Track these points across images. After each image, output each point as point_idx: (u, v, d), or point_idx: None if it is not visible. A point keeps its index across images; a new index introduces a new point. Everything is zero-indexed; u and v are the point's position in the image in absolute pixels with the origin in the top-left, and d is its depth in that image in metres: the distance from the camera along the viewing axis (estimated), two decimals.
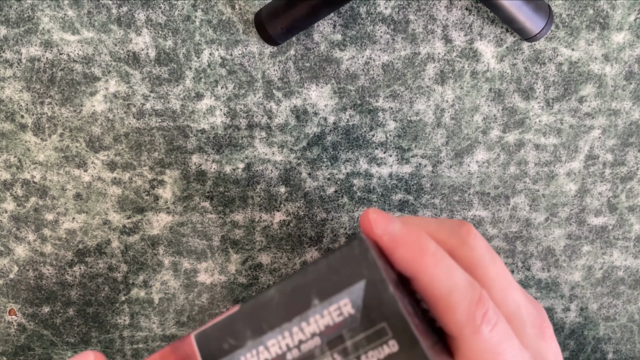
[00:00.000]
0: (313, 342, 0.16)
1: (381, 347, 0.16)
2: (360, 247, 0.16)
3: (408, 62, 0.35)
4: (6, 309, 0.37)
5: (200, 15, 0.34)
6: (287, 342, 0.16)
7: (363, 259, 0.16)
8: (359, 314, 0.16)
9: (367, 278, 0.16)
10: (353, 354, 0.16)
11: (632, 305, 0.39)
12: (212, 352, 0.17)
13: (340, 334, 0.16)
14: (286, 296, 0.16)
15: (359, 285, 0.16)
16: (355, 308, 0.16)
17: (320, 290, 0.16)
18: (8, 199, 0.36)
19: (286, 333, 0.16)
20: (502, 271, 0.21)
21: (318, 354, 0.16)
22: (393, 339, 0.15)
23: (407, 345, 0.15)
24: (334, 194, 0.36)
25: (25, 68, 0.34)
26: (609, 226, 0.38)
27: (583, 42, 0.35)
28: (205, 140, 0.35)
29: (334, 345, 0.16)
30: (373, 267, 0.16)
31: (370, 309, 0.16)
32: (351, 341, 0.16)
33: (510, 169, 0.37)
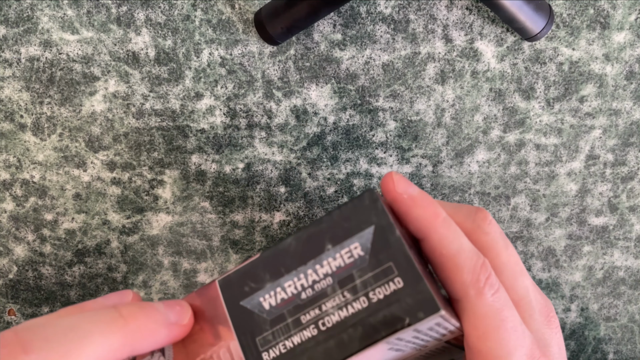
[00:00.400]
0: (325, 282, 0.18)
1: (387, 284, 0.17)
2: (370, 197, 0.18)
3: (408, 61, 0.35)
4: (5, 309, 0.37)
5: (199, 15, 0.34)
6: (302, 283, 0.18)
7: (372, 207, 0.18)
8: (368, 255, 0.18)
9: (376, 224, 0.18)
10: (362, 291, 0.17)
11: (633, 306, 0.39)
12: (234, 294, 0.19)
13: (351, 274, 0.18)
14: (302, 243, 0.19)
15: (368, 231, 0.18)
16: (364, 250, 0.18)
17: (333, 236, 0.18)
18: (7, 199, 0.36)
19: (301, 275, 0.18)
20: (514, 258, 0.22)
21: (330, 292, 0.18)
22: (398, 276, 0.17)
23: (411, 282, 0.17)
24: (334, 194, 0.36)
25: (24, 68, 0.34)
26: (609, 226, 0.38)
27: (584, 41, 0.35)
28: (204, 140, 0.35)
29: (344, 284, 0.18)
30: (382, 214, 0.18)
31: (378, 251, 0.18)
32: (360, 280, 0.18)
33: (511, 169, 0.36)
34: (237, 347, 0.18)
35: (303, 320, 0.18)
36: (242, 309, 0.18)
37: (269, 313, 0.18)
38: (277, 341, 0.18)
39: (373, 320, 0.17)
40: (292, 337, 0.18)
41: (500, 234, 0.21)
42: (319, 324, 0.18)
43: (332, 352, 0.17)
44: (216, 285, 0.19)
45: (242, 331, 0.18)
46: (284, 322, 0.18)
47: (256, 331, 0.18)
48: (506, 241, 0.21)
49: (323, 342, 0.17)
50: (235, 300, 0.19)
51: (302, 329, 0.18)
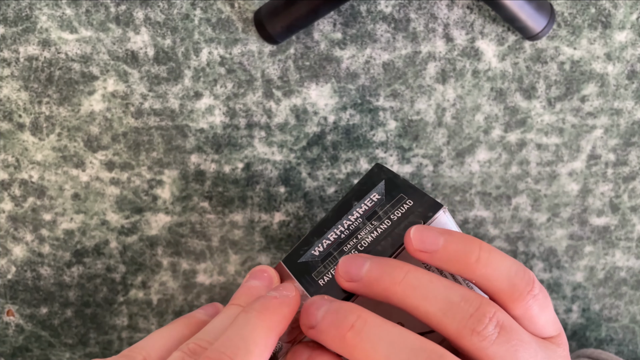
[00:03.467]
0: (357, 222, 0.23)
1: (401, 206, 0.22)
2: (378, 167, 0.24)
3: (409, 61, 0.34)
4: (4, 309, 0.37)
5: (199, 14, 0.33)
6: (341, 229, 0.23)
7: (381, 171, 0.24)
8: (384, 196, 0.23)
9: (385, 178, 0.24)
10: (384, 217, 0.23)
11: (635, 306, 0.39)
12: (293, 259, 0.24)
13: (374, 210, 0.23)
14: (335, 211, 0.24)
15: (381, 184, 0.24)
16: (380, 194, 0.23)
17: (357, 197, 0.24)
18: (6, 199, 0.35)
19: (339, 225, 0.24)
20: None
21: (361, 226, 0.23)
22: (408, 199, 0.22)
23: (418, 199, 0.22)
24: (334, 194, 0.36)
25: (23, 67, 0.34)
26: (611, 226, 0.38)
27: (585, 41, 0.34)
28: (204, 139, 0.35)
29: (370, 218, 0.23)
30: (389, 172, 0.24)
31: (390, 191, 0.23)
32: (381, 211, 0.23)
33: (512, 169, 0.36)
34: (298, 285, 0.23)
35: (345, 250, 0.23)
36: (299, 264, 0.23)
37: (319, 256, 0.23)
38: (327, 270, 0.23)
39: (398, 231, 0.22)
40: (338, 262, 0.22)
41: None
42: (358, 246, 0.23)
43: None
44: (281, 264, 0.24)
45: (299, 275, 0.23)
46: (331, 256, 0.23)
47: (311, 269, 0.23)
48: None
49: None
50: (294, 262, 0.24)
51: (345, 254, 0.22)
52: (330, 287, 0.22)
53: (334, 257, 0.23)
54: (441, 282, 0.20)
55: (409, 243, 0.20)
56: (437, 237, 0.20)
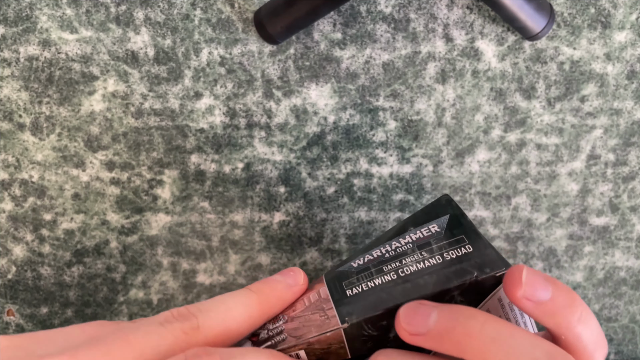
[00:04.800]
0: (406, 247, 0.22)
1: (459, 249, 0.21)
2: (445, 199, 0.23)
3: (409, 61, 0.34)
4: (4, 309, 0.37)
5: (199, 14, 0.33)
6: (387, 249, 0.22)
7: (448, 204, 0.23)
8: (443, 231, 0.21)
9: (451, 214, 0.22)
10: (437, 252, 0.21)
11: (634, 306, 0.39)
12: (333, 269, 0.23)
13: (428, 241, 0.21)
14: (390, 232, 0.23)
15: (444, 217, 0.22)
16: (440, 228, 0.22)
17: (415, 223, 0.23)
18: (6, 199, 0.35)
19: (387, 245, 0.22)
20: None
21: (410, 252, 0.21)
22: (469, 244, 0.20)
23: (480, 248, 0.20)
24: (334, 194, 0.36)
25: (23, 67, 0.34)
26: (610, 226, 0.38)
27: (585, 41, 0.34)
28: (204, 139, 0.35)
29: (422, 247, 0.21)
30: (457, 208, 0.22)
31: (452, 228, 0.21)
32: (436, 245, 0.21)
33: (512, 169, 0.36)
34: (325, 289, 0.22)
35: (385, 270, 0.21)
36: (335, 272, 0.23)
37: (356, 268, 0.22)
38: (360, 283, 0.21)
39: (446, 272, 0.20)
40: (374, 280, 0.21)
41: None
42: (399, 271, 0.21)
43: (409, 291, 0.20)
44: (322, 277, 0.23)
45: (331, 280, 0.22)
46: (368, 271, 0.22)
47: (343, 278, 0.22)
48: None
49: (401, 284, 0.20)
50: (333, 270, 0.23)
51: (383, 275, 0.21)
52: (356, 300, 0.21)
53: (370, 273, 0.22)
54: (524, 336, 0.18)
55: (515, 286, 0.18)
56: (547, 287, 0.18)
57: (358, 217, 0.37)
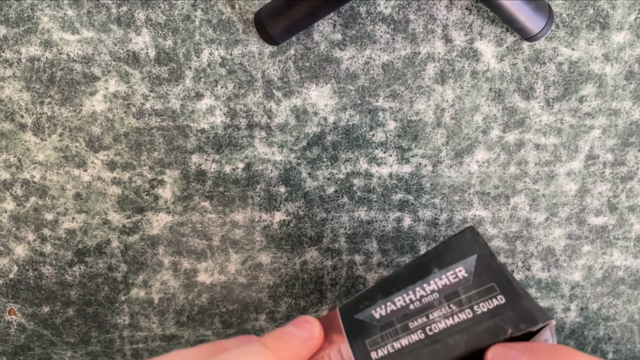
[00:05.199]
0: (432, 297, 0.20)
1: (490, 300, 0.19)
2: (471, 232, 0.21)
3: (408, 61, 0.35)
4: (6, 308, 0.37)
5: (200, 15, 0.34)
6: (411, 297, 0.20)
7: (474, 240, 0.21)
8: (472, 276, 0.20)
9: (478, 253, 0.20)
10: (467, 304, 0.19)
11: (632, 305, 0.39)
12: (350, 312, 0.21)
13: (456, 290, 0.20)
14: (411, 269, 0.21)
15: (471, 258, 0.20)
16: (468, 273, 0.20)
17: (439, 263, 0.21)
18: (8, 199, 0.36)
19: (410, 292, 0.21)
20: None
21: (437, 305, 0.20)
22: (500, 294, 0.19)
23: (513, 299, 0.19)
24: (334, 193, 0.36)
25: (25, 68, 0.34)
26: (609, 226, 0.38)
27: (583, 41, 0.35)
28: (205, 140, 0.35)
29: (450, 298, 0.20)
30: (484, 246, 0.20)
31: (481, 273, 0.20)
32: (465, 295, 0.19)
33: (511, 169, 0.36)
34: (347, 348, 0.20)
35: (411, 327, 0.20)
36: (355, 320, 0.21)
37: (379, 321, 0.20)
38: (385, 342, 0.20)
39: (478, 329, 0.19)
40: (400, 339, 0.19)
41: None
42: (426, 329, 0.19)
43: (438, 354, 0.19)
44: (336, 311, 0.22)
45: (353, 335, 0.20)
46: (393, 328, 0.20)
47: (366, 335, 0.20)
48: None
49: (430, 345, 0.19)
50: (350, 315, 0.21)
51: (409, 333, 0.20)
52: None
53: (396, 330, 0.20)
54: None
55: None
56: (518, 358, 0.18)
57: (358, 217, 0.37)
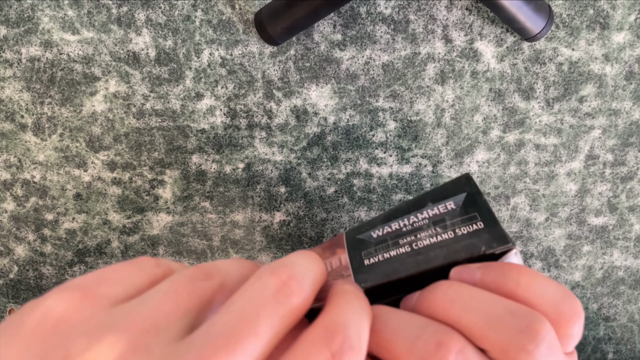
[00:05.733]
0: (423, 222, 0.23)
1: (471, 225, 0.22)
2: (466, 177, 0.24)
3: (408, 62, 0.35)
4: (6, 309, 0.37)
5: (200, 15, 0.34)
6: (405, 223, 0.23)
7: (467, 184, 0.24)
8: (459, 208, 0.23)
9: (468, 192, 0.23)
10: (450, 228, 0.22)
11: (633, 306, 0.39)
12: (353, 234, 0.24)
13: (443, 218, 0.23)
14: (410, 204, 0.24)
15: (461, 195, 0.23)
16: (456, 206, 0.23)
17: (434, 199, 0.24)
18: (8, 199, 0.36)
19: (405, 219, 0.24)
20: None
21: (425, 228, 0.23)
22: (480, 221, 0.22)
23: (490, 225, 0.21)
24: (334, 194, 0.36)
25: (25, 68, 0.34)
26: (609, 226, 0.38)
27: (583, 42, 0.35)
28: (205, 140, 0.35)
29: (437, 223, 0.23)
30: (474, 187, 0.23)
31: (467, 206, 0.23)
32: (450, 221, 0.22)
33: (511, 169, 0.36)
34: (345, 257, 0.23)
35: (400, 242, 0.23)
36: (356, 239, 0.24)
37: (375, 239, 0.24)
38: (377, 254, 0.23)
39: (456, 246, 0.21)
40: (389, 251, 0.23)
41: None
42: (413, 245, 0.22)
43: (420, 262, 0.21)
44: (343, 234, 0.25)
45: (352, 249, 0.24)
46: (385, 243, 0.23)
47: (362, 248, 0.23)
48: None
49: (414, 256, 0.22)
50: (353, 236, 0.24)
51: (398, 247, 0.23)
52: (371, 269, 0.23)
53: (387, 245, 0.23)
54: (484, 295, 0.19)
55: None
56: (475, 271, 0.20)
57: (358, 217, 0.37)
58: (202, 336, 0.15)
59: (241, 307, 0.16)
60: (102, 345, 0.14)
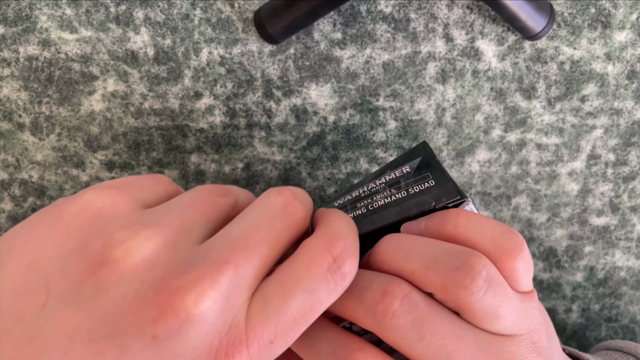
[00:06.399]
0: (379, 187, 0.24)
1: (422, 184, 0.23)
2: (423, 145, 0.25)
3: (409, 60, 0.34)
4: None
5: (199, 14, 0.33)
6: (364, 189, 0.25)
7: (424, 150, 0.25)
8: (413, 171, 0.24)
9: (423, 156, 0.24)
10: (404, 188, 0.23)
11: (635, 306, 0.39)
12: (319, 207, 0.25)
13: (398, 180, 0.24)
14: (372, 176, 0.26)
15: (417, 160, 0.24)
16: (411, 169, 0.24)
17: (392, 167, 0.25)
18: (6, 199, 0.35)
19: (364, 187, 0.25)
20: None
21: (381, 191, 0.24)
22: (432, 179, 0.22)
23: (441, 182, 0.22)
24: (334, 194, 0.36)
25: (23, 67, 0.34)
26: (611, 226, 0.37)
27: (585, 40, 0.34)
28: (204, 139, 0.35)
29: (392, 185, 0.24)
30: (429, 152, 0.24)
31: (421, 168, 0.24)
32: (404, 182, 0.23)
33: (512, 169, 0.36)
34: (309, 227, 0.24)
35: (358, 206, 0.24)
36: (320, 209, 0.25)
37: (337, 207, 0.25)
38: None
39: (408, 203, 0.22)
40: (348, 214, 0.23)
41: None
42: (369, 206, 0.23)
43: (374, 221, 0.23)
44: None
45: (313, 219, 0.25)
46: (345, 208, 0.24)
47: None
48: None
49: (369, 216, 0.23)
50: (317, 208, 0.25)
51: (356, 210, 0.24)
52: None
53: (346, 209, 0.24)
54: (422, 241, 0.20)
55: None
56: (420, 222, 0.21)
57: None
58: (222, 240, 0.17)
59: (255, 218, 0.18)
60: (139, 238, 0.16)
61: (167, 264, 0.16)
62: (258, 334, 0.16)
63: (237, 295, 0.16)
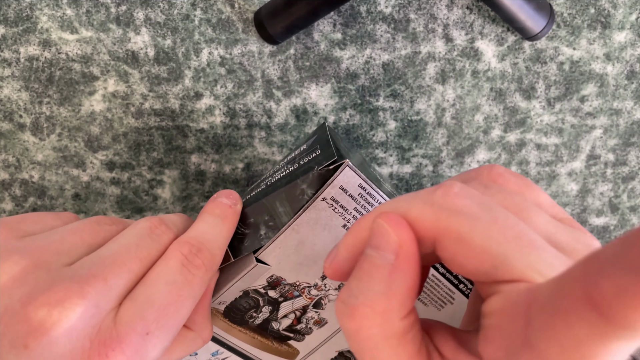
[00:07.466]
0: (280, 165, 0.27)
1: (310, 154, 0.25)
2: (320, 126, 0.28)
3: (409, 61, 0.34)
4: None
5: (199, 14, 0.33)
6: (270, 172, 0.28)
7: (320, 130, 0.27)
8: (307, 147, 0.26)
9: (318, 134, 0.27)
10: (297, 161, 0.25)
11: None
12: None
13: (294, 157, 0.26)
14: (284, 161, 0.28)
15: (312, 138, 0.27)
16: (307, 147, 0.26)
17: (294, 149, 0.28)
18: (6, 199, 0.35)
19: (272, 169, 0.28)
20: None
21: (280, 169, 0.26)
22: (319, 149, 0.25)
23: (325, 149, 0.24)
24: None
25: (23, 67, 0.34)
26: (610, 226, 0.38)
27: (584, 41, 0.34)
28: (204, 139, 0.35)
29: (289, 163, 0.26)
30: (324, 130, 0.27)
31: (313, 144, 0.26)
32: (298, 157, 0.26)
33: (512, 169, 0.36)
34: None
35: (260, 185, 0.27)
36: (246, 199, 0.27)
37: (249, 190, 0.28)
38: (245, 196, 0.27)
39: (297, 172, 0.24)
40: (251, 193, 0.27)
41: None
42: (267, 182, 0.26)
43: (267, 191, 0.25)
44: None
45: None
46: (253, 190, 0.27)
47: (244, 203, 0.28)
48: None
49: (265, 189, 0.26)
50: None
51: (257, 188, 0.27)
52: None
53: (252, 190, 0.28)
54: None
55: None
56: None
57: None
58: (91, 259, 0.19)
59: (124, 240, 0.21)
60: (7, 263, 0.18)
61: (36, 282, 0.18)
62: (130, 328, 0.18)
63: (106, 302, 0.18)
